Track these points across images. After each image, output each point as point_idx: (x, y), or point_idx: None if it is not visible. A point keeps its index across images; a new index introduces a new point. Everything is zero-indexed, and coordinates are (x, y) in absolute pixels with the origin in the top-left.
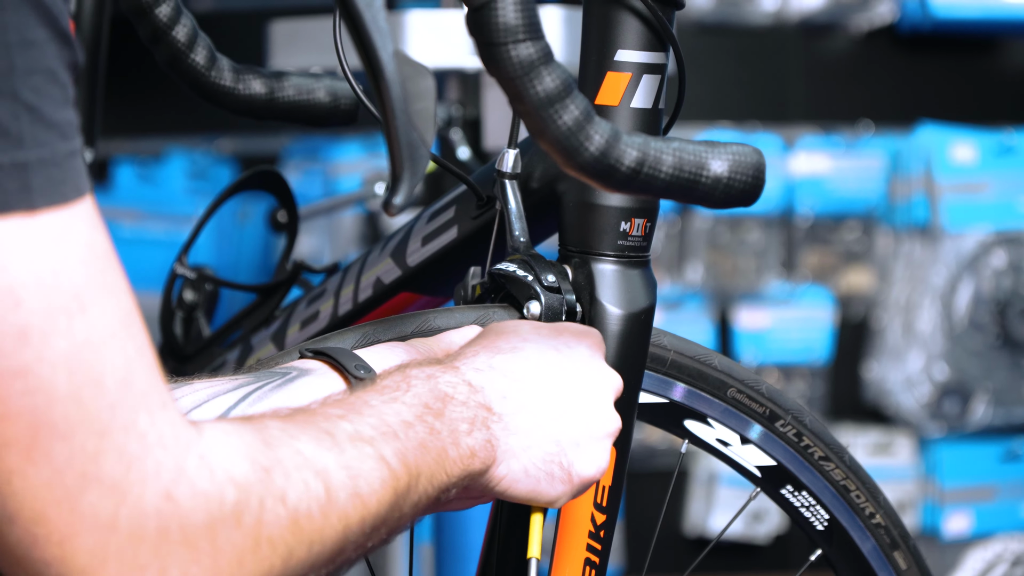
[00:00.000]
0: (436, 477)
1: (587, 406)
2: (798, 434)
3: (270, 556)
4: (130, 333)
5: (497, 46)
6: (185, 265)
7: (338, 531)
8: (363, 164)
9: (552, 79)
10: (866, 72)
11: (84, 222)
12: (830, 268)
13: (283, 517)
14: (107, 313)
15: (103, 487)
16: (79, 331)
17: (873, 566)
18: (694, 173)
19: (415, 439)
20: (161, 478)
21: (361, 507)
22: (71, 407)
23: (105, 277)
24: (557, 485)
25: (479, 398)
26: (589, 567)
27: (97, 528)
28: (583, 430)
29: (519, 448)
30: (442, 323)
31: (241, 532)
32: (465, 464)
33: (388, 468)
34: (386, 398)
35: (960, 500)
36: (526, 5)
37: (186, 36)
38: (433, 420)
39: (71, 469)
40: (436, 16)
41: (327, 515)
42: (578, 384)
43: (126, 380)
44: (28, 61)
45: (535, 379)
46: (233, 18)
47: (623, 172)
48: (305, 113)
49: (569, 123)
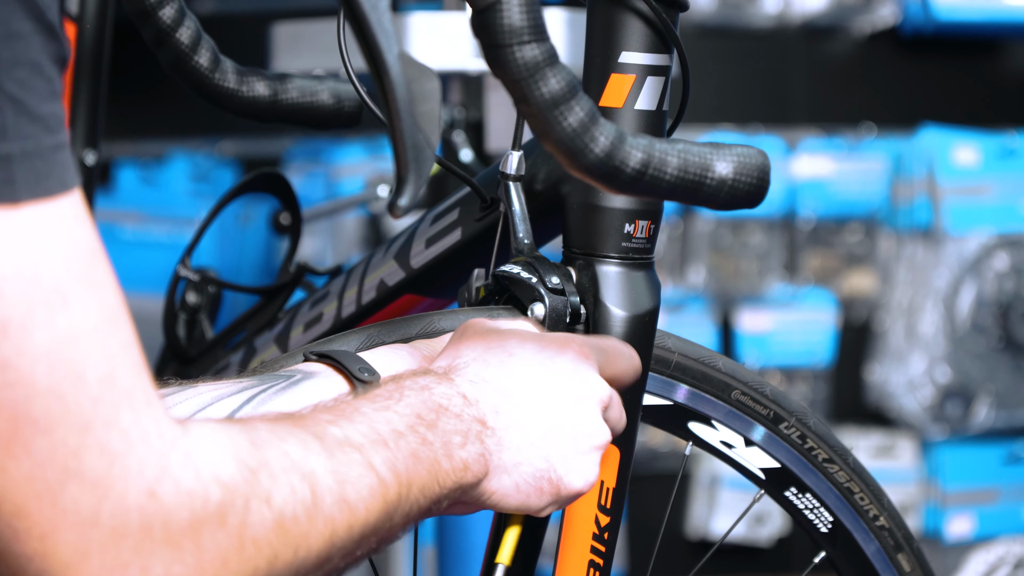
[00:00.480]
0: (428, 488)
1: (575, 420)
2: (802, 436)
3: (255, 558)
4: (114, 330)
5: (502, 48)
6: (188, 267)
7: (324, 536)
8: (365, 166)
9: (557, 80)
10: (868, 75)
11: (69, 216)
12: (832, 271)
13: (268, 519)
14: (90, 309)
15: (85, 482)
16: (61, 326)
17: (877, 568)
18: (699, 175)
19: (406, 449)
20: (144, 475)
21: (349, 513)
22: (52, 401)
23: (89, 273)
24: (545, 498)
25: (473, 411)
26: (593, 569)
27: (79, 524)
28: (571, 445)
29: (511, 464)
30: (447, 325)
31: (225, 532)
32: (458, 476)
33: (376, 476)
34: (378, 406)
35: (962, 503)
36: (531, 7)
37: (190, 38)
38: (425, 431)
39: (52, 464)
40: (439, 18)
41: (313, 519)
42: (565, 398)
43: (109, 376)
44: (12, 53)
45: (525, 394)
46: (236, 20)
47: (628, 174)
48: (309, 115)
49: (574, 125)
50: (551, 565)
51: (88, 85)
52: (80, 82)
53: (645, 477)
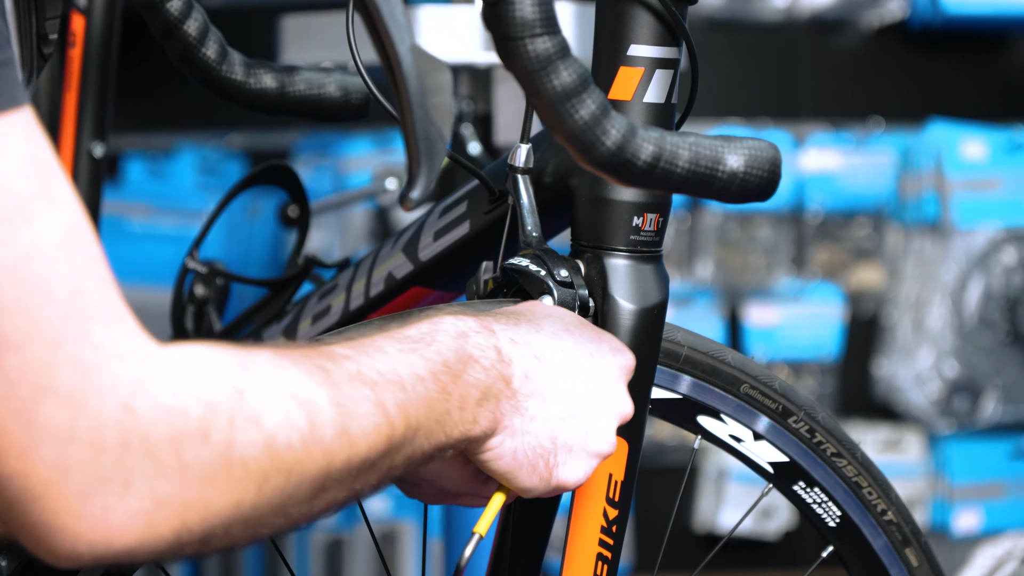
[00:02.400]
0: (434, 436)
1: (594, 419)
2: (811, 430)
3: (243, 478)
4: (79, 245)
5: (514, 40)
6: (196, 260)
7: (320, 465)
8: (373, 160)
9: (569, 73)
10: (877, 69)
11: (22, 132)
12: (840, 265)
13: (257, 440)
14: (53, 224)
15: (59, 398)
16: (24, 241)
17: (885, 563)
18: (710, 168)
19: (422, 394)
20: (119, 389)
21: (348, 447)
22: (21, 318)
23: (49, 188)
24: (535, 478)
25: (502, 368)
26: (601, 562)
27: (57, 439)
28: (581, 439)
29: (518, 429)
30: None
31: (210, 449)
32: (466, 428)
33: (385, 415)
34: (404, 348)
35: (970, 497)
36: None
37: (197, 31)
38: (448, 380)
39: (25, 380)
40: (447, 11)
41: (309, 448)
42: (595, 395)
43: (77, 291)
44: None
45: (561, 371)
46: (244, 13)
47: (639, 167)
48: (316, 108)
49: (586, 117)
50: (558, 559)
51: (96, 78)
52: (88, 75)
53: (652, 471)
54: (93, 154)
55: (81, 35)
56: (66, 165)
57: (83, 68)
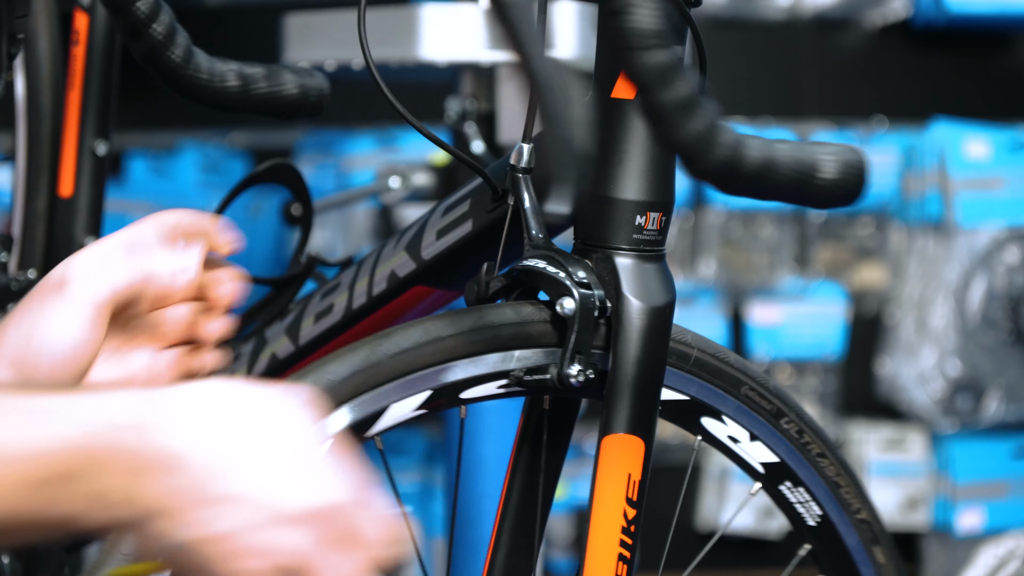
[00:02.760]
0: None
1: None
2: (800, 431)
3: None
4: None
5: (632, 51)
6: None
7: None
8: (376, 158)
9: (684, 85)
10: (880, 68)
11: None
12: (843, 264)
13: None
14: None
15: None
16: None
17: (856, 561)
18: (808, 175)
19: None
20: None
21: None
22: None
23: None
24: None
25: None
26: (621, 562)
27: None
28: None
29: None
30: (495, 319)
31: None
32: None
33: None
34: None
35: (973, 496)
36: (660, 13)
37: (164, 31)
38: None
39: None
40: (450, 10)
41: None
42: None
43: None
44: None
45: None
46: (247, 11)
47: (745, 175)
48: (276, 106)
49: (700, 128)
50: (565, 558)
51: (100, 76)
52: (92, 73)
53: (655, 470)
54: (96, 152)
55: (85, 33)
56: (69, 163)
57: (86, 66)
